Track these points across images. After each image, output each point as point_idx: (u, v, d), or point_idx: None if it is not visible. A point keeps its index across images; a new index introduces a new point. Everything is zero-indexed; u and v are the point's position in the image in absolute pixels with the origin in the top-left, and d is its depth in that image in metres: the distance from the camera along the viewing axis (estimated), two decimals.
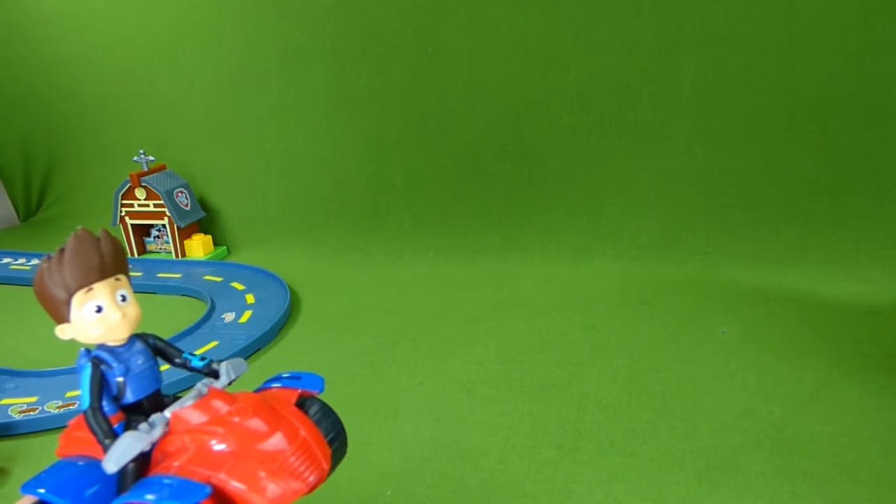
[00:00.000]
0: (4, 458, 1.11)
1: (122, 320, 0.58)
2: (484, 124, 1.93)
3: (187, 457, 0.55)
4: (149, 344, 0.63)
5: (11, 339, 1.61)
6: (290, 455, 0.56)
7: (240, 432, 0.56)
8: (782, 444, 1.00)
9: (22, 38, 2.57)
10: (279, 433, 0.57)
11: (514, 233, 1.92)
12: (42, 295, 0.58)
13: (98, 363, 0.58)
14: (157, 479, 0.53)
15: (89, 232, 0.59)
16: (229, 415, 0.57)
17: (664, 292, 1.58)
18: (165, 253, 2.20)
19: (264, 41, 2.13)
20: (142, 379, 0.60)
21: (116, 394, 0.59)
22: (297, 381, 0.67)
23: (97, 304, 0.57)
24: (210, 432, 0.56)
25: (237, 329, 1.52)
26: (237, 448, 0.55)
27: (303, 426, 0.59)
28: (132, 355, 0.60)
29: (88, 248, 0.58)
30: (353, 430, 0.66)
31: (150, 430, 0.56)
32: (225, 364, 0.64)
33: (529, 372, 1.27)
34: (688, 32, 1.68)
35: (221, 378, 0.63)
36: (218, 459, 0.54)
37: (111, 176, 2.27)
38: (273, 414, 0.59)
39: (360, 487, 0.96)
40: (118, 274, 0.60)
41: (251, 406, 0.58)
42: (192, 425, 0.56)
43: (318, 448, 0.59)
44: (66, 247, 0.58)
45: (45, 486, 0.56)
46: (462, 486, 0.96)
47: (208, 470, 0.54)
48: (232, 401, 0.59)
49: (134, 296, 0.61)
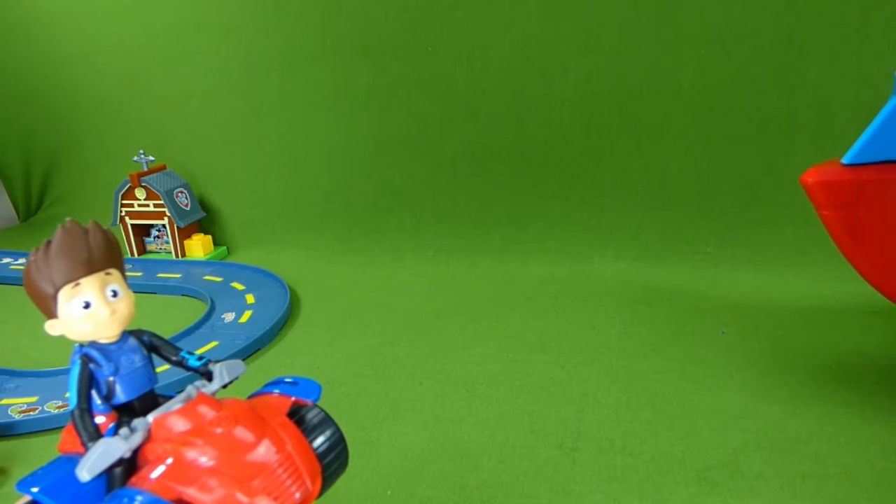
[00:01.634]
0: (4, 458, 1.11)
1: (111, 317, 0.56)
2: (484, 124, 1.93)
3: (163, 469, 0.53)
4: (143, 342, 0.61)
5: (11, 339, 1.61)
6: (273, 470, 0.54)
7: (220, 444, 0.53)
8: (782, 444, 1.00)
9: (22, 38, 2.57)
10: (262, 446, 0.54)
11: (514, 233, 1.92)
12: (30, 289, 0.57)
13: (87, 361, 0.57)
14: (129, 493, 0.51)
15: (78, 224, 0.57)
16: (211, 424, 0.54)
17: (664, 292, 1.58)
18: (165, 253, 2.20)
19: (264, 41, 2.13)
20: (133, 379, 0.58)
21: (107, 393, 0.57)
22: (294, 387, 0.64)
23: (85, 300, 0.55)
24: (189, 443, 0.54)
25: (237, 329, 1.52)
26: (215, 461, 0.53)
27: (290, 439, 0.57)
28: (124, 353, 0.58)
29: (76, 240, 0.56)
30: (353, 430, 0.66)
31: (129, 435, 0.53)
32: (220, 366, 0.61)
33: (529, 372, 1.26)
34: (688, 32, 1.67)
35: (214, 381, 0.60)
36: (193, 474, 0.52)
37: (111, 176, 2.28)
38: (259, 425, 0.56)
39: (360, 487, 0.96)
40: (109, 268, 0.57)
41: (235, 416, 0.56)
42: (172, 434, 0.54)
43: (305, 464, 0.56)
44: (52, 239, 0.56)
45: (39, 485, 0.55)
46: (462, 486, 0.96)
47: (181, 485, 0.52)
48: (218, 408, 0.56)
49: (128, 291, 0.59)
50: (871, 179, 0.98)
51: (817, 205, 1.03)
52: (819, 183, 1.01)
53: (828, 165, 1.03)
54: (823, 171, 1.02)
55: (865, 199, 1.01)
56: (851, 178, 0.99)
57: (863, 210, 1.01)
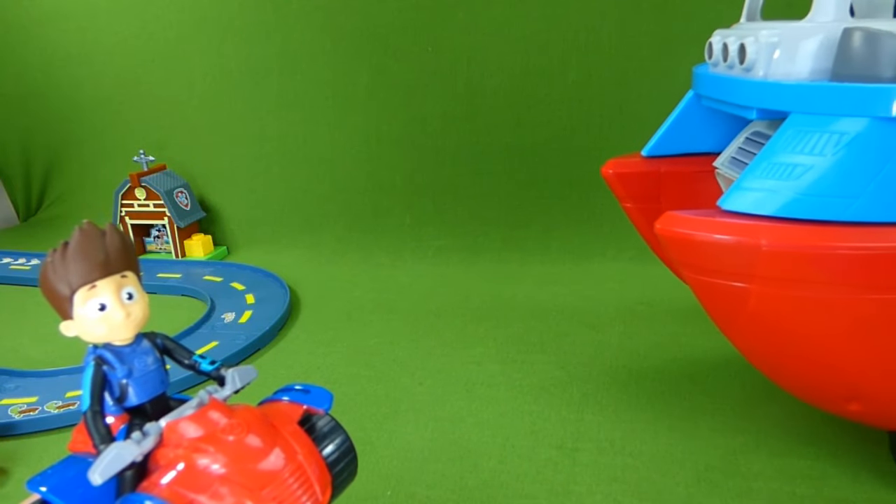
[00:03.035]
0: (4, 458, 1.11)
1: (126, 320, 0.56)
2: (484, 124, 1.93)
3: (174, 475, 0.53)
4: (156, 344, 0.61)
5: (11, 339, 1.61)
6: (284, 479, 0.54)
7: (232, 452, 0.54)
8: (782, 444, 1.00)
9: (22, 38, 2.56)
10: (273, 455, 0.55)
11: (514, 233, 1.92)
12: (46, 290, 0.57)
13: (101, 363, 0.57)
14: (141, 499, 0.52)
15: (95, 226, 0.57)
16: (223, 432, 0.55)
17: (664, 292, 1.58)
18: (165, 253, 2.20)
19: (264, 41, 2.12)
20: (146, 382, 0.58)
21: (119, 396, 0.57)
22: (306, 395, 0.64)
23: (100, 302, 0.55)
24: (201, 450, 0.54)
25: (237, 329, 1.52)
26: (227, 469, 0.53)
27: (301, 448, 0.57)
28: (137, 356, 0.58)
29: (93, 243, 0.56)
30: (353, 430, 0.66)
31: (142, 439, 0.53)
32: (232, 371, 0.61)
33: (529, 372, 1.27)
34: (688, 32, 1.67)
35: (227, 387, 0.60)
36: (204, 481, 0.52)
37: (111, 176, 2.27)
38: (270, 433, 0.57)
39: (360, 487, 0.96)
40: (125, 271, 0.57)
41: (247, 423, 0.56)
42: (184, 439, 0.54)
43: (315, 473, 0.56)
44: (70, 241, 0.56)
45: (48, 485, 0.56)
46: (462, 486, 0.96)
47: (192, 492, 0.52)
48: (230, 414, 0.56)
49: (143, 294, 0.59)
50: (668, 172, 0.96)
51: (618, 197, 1.00)
52: (616, 175, 0.96)
53: (629, 158, 0.99)
54: (623, 163, 0.98)
55: (664, 192, 0.98)
56: (648, 171, 0.96)
57: (663, 203, 0.98)
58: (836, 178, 0.70)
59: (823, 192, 0.70)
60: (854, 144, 0.70)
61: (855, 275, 0.69)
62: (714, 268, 0.74)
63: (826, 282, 0.70)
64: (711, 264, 0.74)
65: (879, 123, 0.70)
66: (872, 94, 0.70)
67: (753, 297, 0.74)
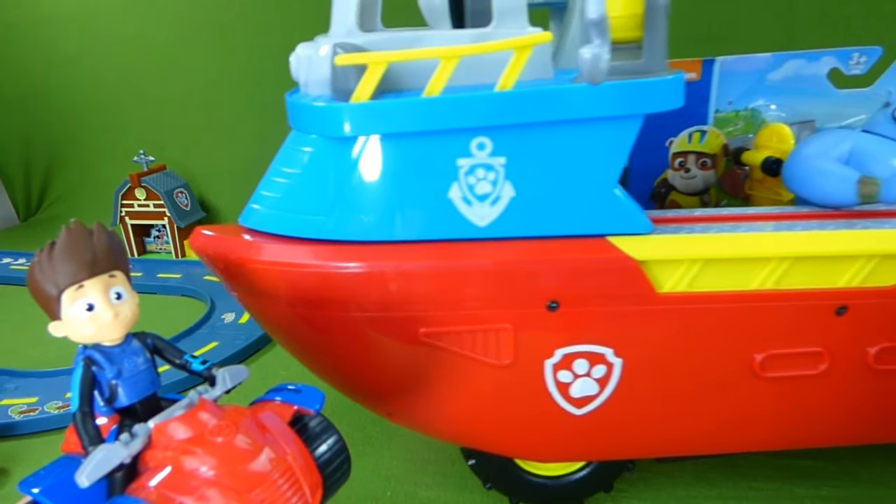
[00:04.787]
0: (4, 458, 1.11)
1: (114, 320, 0.56)
2: None
3: (162, 478, 0.53)
4: (147, 344, 0.60)
5: (11, 339, 1.61)
6: (273, 481, 0.53)
7: (220, 454, 0.53)
8: None
9: (22, 38, 2.57)
10: (262, 456, 0.54)
11: None
12: (33, 290, 0.56)
13: (90, 364, 0.56)
14: (128, 502, 0.52)
15: (82, 226, 0.57)
16: (212, 433, 0.54)
17: None
18: (165, 253, 2.20)
19: (264, 41, 2.12)
20: (136, 382, 0.58)
21: (109, 396, 0.57)
22: (297, 395, 0.64)
23: (88, 302, 0.55)
24: (189, 452, 0.53)
25: (237, 329, 1.52)
26: (215, 471, 0.53)
27: (291, 449, 0.57)
28: (127, 357, 0.58)
29: (80, 242, 0.55)
30: (353, 431, 0.65)
31: (130, 441, 0.53)
32: (222, 372, 0.60)
33: None
34: (687, 32, 1.67)
35: (217, 386, 0.60)
36: (192, 484, 0.52)
37: (111, 176, 2.27)
38: (260, 434, 0.56)
39: (360, 487, 0.96)
40: (113, 270, 0.57)
41: (236, 424, 0.55)
42: (173, 441, 0.54)
43: (305, 475, 0.56)
44: (57, 241, 0.56)
45: (40, 486, 0.55)
46: (462, 487, 0.96)
47: (179, 495, 0.52)
48: (219, 416, 0.56)
49: (133, 293, 0.58)
50: None
51: None
52: None
53: None
54: None
55: None
56: None
57: None
58: (306, 198, 0.69)
59: (300, 210, 0.70)
60: (312, 164, 0.69)
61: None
62: (237, 285, 0.76)
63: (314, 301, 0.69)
64: (238, 282, 0.75)
65: (330, 143, 0.68)
66: (321, 113, 0.67)
67: (265, 314, 0.76)
